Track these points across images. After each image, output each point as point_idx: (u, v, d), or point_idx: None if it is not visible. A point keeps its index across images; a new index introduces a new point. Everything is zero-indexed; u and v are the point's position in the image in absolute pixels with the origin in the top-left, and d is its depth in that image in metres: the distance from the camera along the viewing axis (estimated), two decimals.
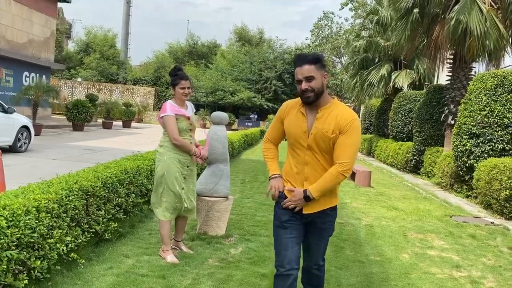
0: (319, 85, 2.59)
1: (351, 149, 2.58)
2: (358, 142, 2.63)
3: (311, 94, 2.59)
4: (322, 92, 2.62)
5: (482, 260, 4.85)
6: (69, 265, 3.56)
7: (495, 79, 8.80)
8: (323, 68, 2.63)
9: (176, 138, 4.05)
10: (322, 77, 2.62)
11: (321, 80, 2.60)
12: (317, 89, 2.58)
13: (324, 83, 2.62)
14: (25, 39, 21.00)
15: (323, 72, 2.63)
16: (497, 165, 7.57)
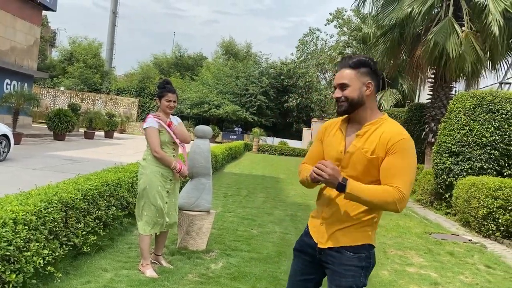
0: (355, 95, 2.11)
1: (404, 175, 2.01)
2: (412, 168, 2.06)
3: (343, 103, 2.13)
4: (361, 104, 2.12)
5: (460, 278, 4.92)
6: (45, 279, 3.49)
7: (474, 99, 9.03)
8: (368, 75, 2.12)
9: (157, 151, 4.04)
10: (364, 85, 2.12)
11: (359, 88, 2.11)
12: (351, 99, 2.11)
13: (364, 93, 2.12)
14: (8, 46, 20.74)
15: (366, 80, 2.12)
16: (476, 184, 7.72)
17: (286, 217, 7.49)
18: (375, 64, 2.16)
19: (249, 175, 13.67)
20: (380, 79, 2.24)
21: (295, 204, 9.02)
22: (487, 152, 8.75)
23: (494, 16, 9.95)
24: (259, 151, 28.26)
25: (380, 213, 2.17)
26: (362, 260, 2.12)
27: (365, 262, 2.13)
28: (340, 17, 34.76)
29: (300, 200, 9.60)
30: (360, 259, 2.11)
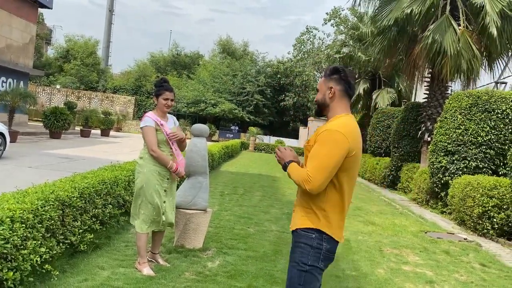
0: (320, 98, 2.48)
1: (314, 161, 2.28)
2: (323, 155, 2.26)
3: (315, 105, 2.54)
4: (326, 106, 2.47)
5: (455, 276, 4.95)
6: (42, 277, 3.49)
7: (469, 99, 9.07)
8: (334, 81, 2.44)
9: (154, 150, 4.04)
10: (328, 89, 2.45)
11: (324, 92, 2.46)
12: (318, 101, 2.49)
13: (327, 96, 2.44)
14: (3, 44, 20.64)
15: (330, 85, 2.44)
16: (471, 183, 7.77)
17: (282, 215, 7.51)
18: (345, 72, 2.45)
19: (246, 173, 13.69)
20: (350, 85, 2.47)
21: (292, 202, 9.03)
22: (482, 151, 8.80)
23: (491, 16, 9.99)
24: (256, 149, 28.27)
25: (331, 204, 2.34)
26: (312, 240, 2.33)
27: (316, 243, 2.32)
28: (337, 16, 34.81)
29: None
30: (308, 238, 2.33)
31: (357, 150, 2.36)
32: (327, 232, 2.33)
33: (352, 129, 2.37)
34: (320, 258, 2.35)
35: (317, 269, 2.35)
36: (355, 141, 2.34)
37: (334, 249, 2.41)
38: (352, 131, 2.36)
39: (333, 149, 2.28)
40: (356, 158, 2.36)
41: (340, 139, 2.29)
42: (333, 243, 2.37)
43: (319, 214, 2.34)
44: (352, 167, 2.35)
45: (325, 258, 2.37)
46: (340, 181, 2.33)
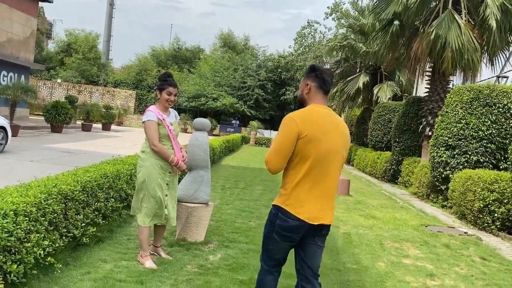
0: (300, 93, 2.81)
1: (272, 145, 2.65)
2: (277, 139, 2.61)
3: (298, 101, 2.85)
4: (304, 100, 2.76)
5: (455, 269, 4.98)
6: (45, 270, 3.52)
7: (471, 93, 9.06)
8: (310, 78, 2.74)
9: (155, 144, 4.05)
10: (305, 86, 2.75)
11: (302, 89, 2.78)
12: (298, 96, 2.84)
13: (304, 92, 2.75)
14: (4, 38, 20.62)
15: (307, 82, 2.74)
16: (472, 177, 7.78)
17: None
18: (320, 70, 2.74)
19: (247, 167, 13.71)
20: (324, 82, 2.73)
21: None
22: (483, 145, 8.81)
23: (491, 10, 9.96)
24: (257, 144, 28.29)
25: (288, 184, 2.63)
26: (271, 214, 2.70)
27: (271, 217, 2.68)
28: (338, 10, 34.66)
29: None
30: (270, 212, 2.72)
31: (313, 132, 2.55)
32: (282, 207, 2.60)
33: (307, 114, 2.62)
34: (273, 230, 2.66)
35: (271, 238, 2.68)
36: (306, 125, 2.56)
37: (292, 228, 2.59)
38: (306, 116, 2.61)
39: (283, 133, 2.59)
40: (309, 140, 2.54)
41: (288, 122, 2.59)
42: (289, 221, 2.58)
43: (281, 192, 2.66)
44: (306, 148, 2.54)
45: (277, 232, 2.64)
46: (298, 162, 2.58)
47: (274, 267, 2.78)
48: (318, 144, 2.56)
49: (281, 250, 2.71)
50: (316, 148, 2.56)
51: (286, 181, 2.64)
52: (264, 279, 2.78)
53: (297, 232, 2.60)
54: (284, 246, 2.69)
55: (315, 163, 2.57)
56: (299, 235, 2.62)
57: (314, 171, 2.57)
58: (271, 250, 2.72)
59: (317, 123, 2.59)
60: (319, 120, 2.61)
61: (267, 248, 2.73)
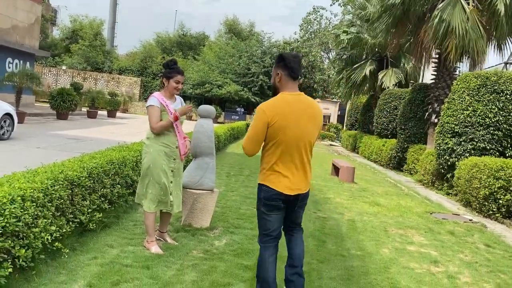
0: (272, 81, 3.11)
1: (247, 132, 3.04)
2: (250, 127, 2.99)
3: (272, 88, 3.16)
4: (277, 88, 3.07)
5: (459, 256, 4.99)
6: (53, 254, 3.57)
7: (478, 80, 8.98)
8: (280, 68, 3.02)
9: (154, 127, 4.01)
10: (276, 74, 3.06)
11: (274, 77, 3.08)
12: (272, 84, 3.14)
13: (276, 80, 3.06)
14: (9, 24, 20.60)
15: (277, 71, 3.05)
16: (478, 164, 7.75)
17: None
18: (288, 59, 3.00)
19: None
20: (292, 70, 3.00)
21: None
22: (490, 132, 8.76)
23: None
24: None
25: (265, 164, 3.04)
26: (258, 191, 3.10)
27: (258, 193, 3.10)
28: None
29: None
30: (258, 189, 3.11)
31: (281, 120, 2.90)
32: (264, 183, 3.03)
33: (278, 103, 2.95)
34: (261, 203, 3.06)
35: (261, 212, 3.07)
36: (275, 114, 2.90)
37: (273, 198, 3.00)
38: (277, 105, 2.94)
39: (254, 121, 2.97)
40: (280, 127, 2.90)
41: (259, 113, 2.95)
42: (270, 193, 2.99)
43: (261, 172, 3.08)
44: (277, 135, 2.91)
45: (265, 204, 3.04)
46: (272, 147, 2.97)
47: (270, 242, 3.08)
48: (287, 130, 2.92)
49: (273, 221, 3.06)
50: (286, 134, 2.92)
51: (264, 162, 3.05)
52: (264, 255, 3.07)
53: (279, 199, 3.00)
54: (275, 216, 3.05)
55: (286, 147, 2.95)
56: (281, 203, 3.02)
57: (286, 153, 2.96)
58: (264, 224, 3.07)
59: (284, 111, 2.92)
60: (286, 108, 2.93)
61: (261, 223, 3.10)
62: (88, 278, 3.34)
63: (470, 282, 4.20)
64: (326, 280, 3.84)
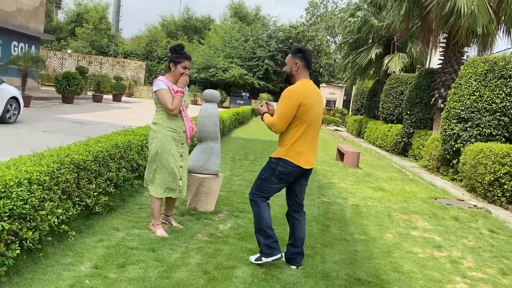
0: (288, 70, 3.58)
1: (277, 112, 3.45)
2: (281, 106, 3.39)
3: (284, 75, 3.64)
4: (292, 76, 3.55)
5: (463, 241, 5.01)
6: (60, 237, 3.62)
7: (486, 65, 8.88)
8: (298, 58, 3.52)
9: (172, 108, 3.97)
10: (294, 64, 3.53)
11: (290, 66, 3.55)
12: (286, 72, 3.59)
13: (293, 69, 3.53)
14: (14, 7, 20.53)
15: (296, 61, 3.52)
16: (483, 150, 7.72)
17: None
18: (306, 52, 3.57)
19: (256, 140, 13.75)
20: (309, 62, 3.56)
21: None
22: (496, 118, 8.70)
23: None
24: None
25: (288, 141, 3.47)
26: (272, 164, 3.54)
27: (273, 165, 3.53)
28: None
29: None
30: (271, 163, 3.56)
31: (309, 102, 3.41)
32: (284, 158, 3.46)
33: (305, 88, 3.45)
34: (273, 174, 3.52)
35: (269, 181, 3.55)
36: (306, 96, 3.40)
37: (290, 173, 3.50)
38: (305, 89, 3.43)
39: (288, 102, 3.39)
40: (308, 108, 3.41)
41: (292, 94, 3.39)
42: (288, 169, 3.47)
43: (281, 147, 3.50)
44: (305, 114, 3.41)
45: (276, 176, 3.52)
46: (297, 125, 3.43)
47: (266, 199, 3.63)
48: (312, 110, 3.44)
49: (275, 190, 3.62)
50: (311, 113, 3.44)
51: (286, 139, 3.47)
52: (262, 205, 3.58)
53: (292, 175, 3.53)
54: (279, 187, 3.60)
55: (309, 125, 3.46)
56: (293, 177, 3.54)
57: (307, 131, 3.47)
58: (267, 190, 3.58)
59: (310, 94, 3.45)
60: (311, 92, 3.48)
61: (263, 188, 3.58)
62: (94, 260, 3.39)
63: (473, 267, 4.22)
64: (330, 264, 3.87)
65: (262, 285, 3.28)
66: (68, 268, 3.22)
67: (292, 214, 3.72)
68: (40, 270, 3.12)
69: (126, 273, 3.22)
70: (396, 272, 3.87)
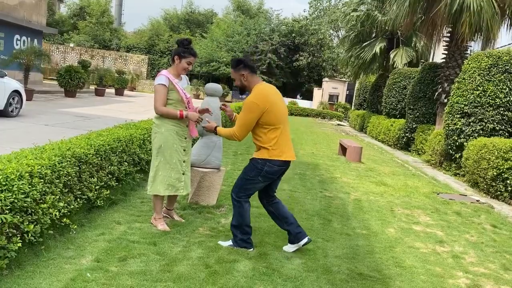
0: (239, 84, 3.78)
1: (238, 122, 3.64)
2: (243, 117, 3.59)
3: (239, 88, 3.86)
4: (244, 86, 3.76)
5: (465, 237, 5.00)
6: (61, 230, 3.62)
7: (489, 59, 8.82)
8: (242, 69, 3.70)
9: (159, 109, 3.98)
10: (240, 76, 3.72)
11: (239, 79, 3.75)
12: (239, 85, 3.81)
13: (243, 81, 3.72)
14: (16, 1, 20.48)
15: (241, 73, 3.71)
16: (486, 145, 7.68)
17: (294, 175, 7.58)
18: (246, 61, 3.71)
19: None
20: (252, 67, 3.71)
21: (304, 163, 9.09)
22: (500, 113, 8.65)
23: None
24: None
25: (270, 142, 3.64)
26: (258, 164, 3.69)
27: (259, 166, 3.68)
28: None
29: (309, 160, 9.67)
30: (257, 162, 3.70)
31: (270, 106, 3.59)
32: (269, 158, 3.64)
33: (262, 93, 3.62)
34: (259, 174, 3.69)
35: (254, 181, 3.72)
36: (265, 101, 3.58)
37: (276, 171, 3.72)
38: (262, 95, 3.60)
39: (248, 113, 3.59)
40: (271, 110, 3.59)
41: (252, 106, 3.58)
42: (275, 168, 3.67)
43: (264, 149, 3.66)
44: (270, 117, 3.60)
45: (263, 176, 3.70)
46: (272, 129, 3.62)
47: (247, 198, 3.81)
48: (278, 108, 3.64)
49: (259, 188, 3.81)
50: (278, 112, 3.65)
51: (265, 141, 3.65)
52: (245, 206, 3.78)
53: (279, 173, 3.75)
54: (263, 185, 3.78)
55: (282, 122, 3.68)
56: (279, 174, 3.77)
57: (283, 128, 3.69)
58: (251, 189, 3.77)
59: (268, 98, 3.62)
60: (269, 92, 3.68)
61: (248, 187, 3.76)
62: (96, 253, 3.39)
63: (475, 262, 4.21)
64: (331, 258, 3.87)
65: (263, 279, 3.28)
66: (70, 261, 3.22)
67: (269, 204, 3.94)
68: (41, 263, 3.13)
69: (127, 267, 3.22)
70: (398, 267, 3.86)
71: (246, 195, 3.77)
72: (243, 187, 3.76)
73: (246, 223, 3.79)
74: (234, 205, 3.82)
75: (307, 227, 4.63)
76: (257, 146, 3.73)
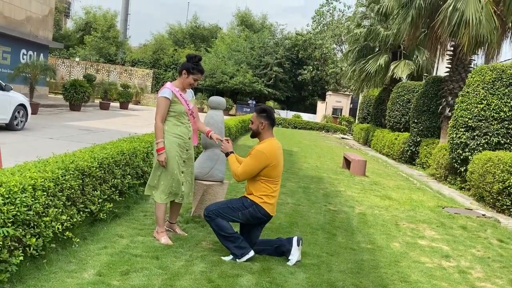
0: (255, 128, 3.95)
1: (244, 167, 3.82)
2: (249, 163, 3.80)
3: (252, 131, 4.01)
4: (259, 133, 3.94)
5: (472, 251, 4.93)
6: (64, 244, 3.60)
7: (493, 73, 8.82)
8: (263, 118, 3.90)
9: (157, 121, 4.06)
10: (260, 123, 3.91)
11: (257, 125, 3.93)
12: (253, 129, 3.98)
13: (259, 127, 3.91)
14: (23, 16, 20.77)
15: (261, 121, 3.90)
16: (491, 158, 7.63)
17: (298, 189, 7.54)
18: (270, 112, 3.95)
19: None
20: (273, 120, 3.96)
21: (308, 176, 9.05)
22: (505, 127, 8.61)
23: None
24: None
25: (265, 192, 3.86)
26: (245, 202, 3.88)
27: (246, 203, 3.87)
28: None
29: (313, 173, 9.63)
30: (245, 200, 3.90)
31: (276, 162, 3.83)
32: (259, 204, 3.83)
33: (273, 148, 3.85)
34: (241, 210, 3.84)
35: (235, 213, 3.85)
36: (273, 157, 3.81)
37: (258, 218, 3.86)
38: (272, 150, 3.83)
39: (257, 163, 3.79)
40: (274, 166, 3.83)
41: (262, 156, 3.79)
42: (258, 214, 3.83)
43: (257, 197, 3.85)
44: (272, 172, 3.83)
45: (243, 214, 3.84)
46: (269, 181, 3.85)
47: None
48: (280, 166, 3.90)
49: (230, 220, 3.86)
50: (279, 169, 3.90)
51: (258, 190, 3.85)
52: (217, 219, 3.82)
53: (259, 220, 3.89)
54: (237, 221, 3.88)
55: (279, 178, 3.94)
56: (257, 222, 3.91)
57: (279, 183, 3.95)
58: (228, 217, 3.85)
59: (276, 154, 3.86)
60: (277, 151, 3.88)
61: (224, 214, 3.83)
62: (98, 267, 3.36)
63: (482, 277, 4.14)
64: (336, 273, 3.82)
65: None
66: (72, 275, 3.20)
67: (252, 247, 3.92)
68: (43, 277, 3.10)
69: (129, 281, 3.18)
70: (404, 282, 3.80)
71: (221, 218, 3.82)
72: (220, 210, 3.83)
73: (228, 231, 3.82)
74: (208, 222, 3.89)
75: (312, 241, 4.58)
76: (249, 190, 3.89)
